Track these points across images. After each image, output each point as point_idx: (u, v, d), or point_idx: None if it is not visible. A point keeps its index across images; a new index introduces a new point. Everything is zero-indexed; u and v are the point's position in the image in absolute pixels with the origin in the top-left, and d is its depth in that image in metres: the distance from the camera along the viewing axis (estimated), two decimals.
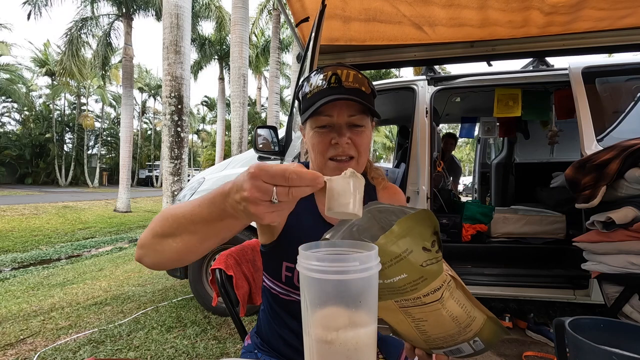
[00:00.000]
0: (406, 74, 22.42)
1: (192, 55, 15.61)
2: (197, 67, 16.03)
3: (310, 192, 0.40)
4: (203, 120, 33.56)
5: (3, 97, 21.55)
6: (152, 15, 10.33)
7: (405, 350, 0.58)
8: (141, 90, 27.05)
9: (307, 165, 0.86)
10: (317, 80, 0.72)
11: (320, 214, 0.78)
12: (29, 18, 9.59)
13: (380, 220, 0.53)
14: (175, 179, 4.59)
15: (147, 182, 28.83)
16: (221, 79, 17.14)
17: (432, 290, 0.46)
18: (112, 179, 26.62)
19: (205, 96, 30.23)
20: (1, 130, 22.75)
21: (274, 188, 0.38)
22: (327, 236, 0.50)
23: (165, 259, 0.52)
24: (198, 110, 32.71)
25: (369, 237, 0.50)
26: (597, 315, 0.52)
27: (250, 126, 16.27)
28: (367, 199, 0.84)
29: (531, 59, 2.66)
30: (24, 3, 9.55)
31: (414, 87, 2.56)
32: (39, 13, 9.68)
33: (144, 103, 29.65)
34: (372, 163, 0.91)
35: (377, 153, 26.04)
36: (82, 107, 24.57)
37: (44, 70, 20.84)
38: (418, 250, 0.45)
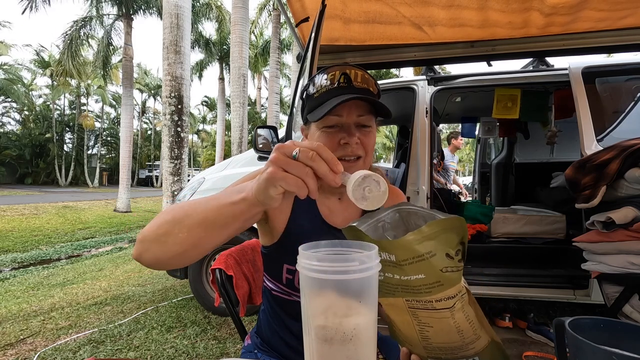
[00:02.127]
0: (406, 74, 22.44)
1: (197, 55, 15.65)
2: (200, 67, 16.06)
3: (326, 172, 0.42)
4: (203, 120, 33.55)
5: (2, 97, 21.55)
6: (155, 14, 10.31)
7: (401, 355, 0.57)
8: (141, 90, 27.05)
9: None
10: (324, 80, 0.71)
11: (322, 217, 0.78)
12: (23, 12, 9.56)
13: (408, 223, 0.53)
14: (175, 179, 4.59)
15: (147, 182, 28.82)
16: (221, 79, 17.15)
17: (446, 297, 0.46)
18: (112, 179, 26.62)
19: (205, 96, 30.27)
20: (1, 130, 22.76)
21: (297, 148, 0.42)
22: (355, 224, 0.50)
23: (168, 253, 0.50)
24: (198, 111, 32.73)
25: (391, 236, 0.50)
26: (597, 315, 0.52)
27: (250, 126, 16.28)
28: None
29: (531, 59, 2.66)
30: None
31: (414, 87, 2.56)
32: (36, 8, 9.64)
33: (144, 103, 29.66)
34: (372, 165, 0.91)
35: (377, 153, 26.04)
36: (82, 107, 24.57)
37: (48, 72, 20.82)
38: (441, 255, 0.45)
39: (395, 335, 0.56)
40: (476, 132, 4.53)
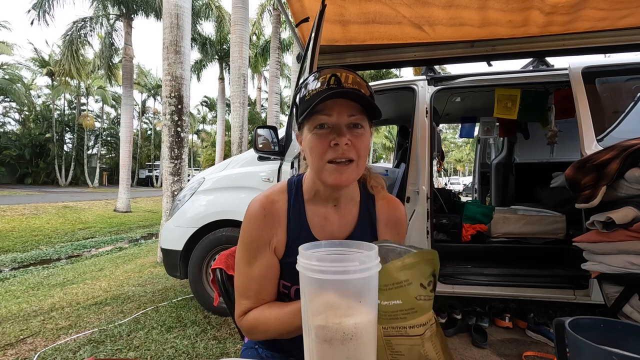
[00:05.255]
0: (406, 74, 22.39)
1: (194, 55, 15.64)
2: (199, 67, 16.05)
3: None
4: (203, 120, 33.53)
5: (2, 97, 21.52)
6: (154, 15, 10.29)
7: None
8: (140, 91, 27.03)
9: (300, 178, 0.82)
10: (316, 82, 0.71)
11: (315, 237, 0.78)
12: (32, 24, 9.58)
13: (386, 260, 0.57)
14: (175, 179, 4.59)
15: (147, 182, 28.82)
16: (221, 79, 17.14)
17: (418, 325, 0.51)
18: (112, 179, 26.61)
19: (205, 96, 30.21)
20: (1, 130, 22.74)
21: None
22: None
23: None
24: (198, 111, 32.70)
25: None
26: (597, 315, 0.52)
27: (250, 126, 16.26)
28: (365, 209, 0.83)
29: (531, 59, 2.66)
30: (28, 11, 9.55)
31: (414, 87, 2.56)
32: (44, 17, 9.64)
33: (144, 103, 29.65)
34: (371, 171, 0.88)
35: (377, 153, 26.05)
36: (82, 107, 24.56)
37: (45, 70, 20.79)
38: (416, 284, 0.51)
39: None
40: (475, 133, 4.53)
